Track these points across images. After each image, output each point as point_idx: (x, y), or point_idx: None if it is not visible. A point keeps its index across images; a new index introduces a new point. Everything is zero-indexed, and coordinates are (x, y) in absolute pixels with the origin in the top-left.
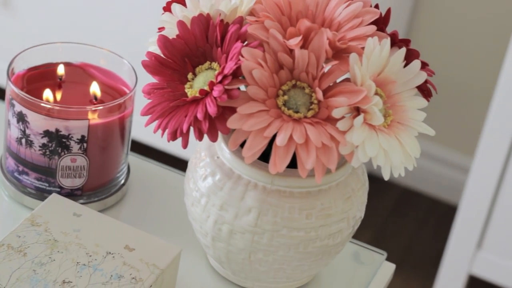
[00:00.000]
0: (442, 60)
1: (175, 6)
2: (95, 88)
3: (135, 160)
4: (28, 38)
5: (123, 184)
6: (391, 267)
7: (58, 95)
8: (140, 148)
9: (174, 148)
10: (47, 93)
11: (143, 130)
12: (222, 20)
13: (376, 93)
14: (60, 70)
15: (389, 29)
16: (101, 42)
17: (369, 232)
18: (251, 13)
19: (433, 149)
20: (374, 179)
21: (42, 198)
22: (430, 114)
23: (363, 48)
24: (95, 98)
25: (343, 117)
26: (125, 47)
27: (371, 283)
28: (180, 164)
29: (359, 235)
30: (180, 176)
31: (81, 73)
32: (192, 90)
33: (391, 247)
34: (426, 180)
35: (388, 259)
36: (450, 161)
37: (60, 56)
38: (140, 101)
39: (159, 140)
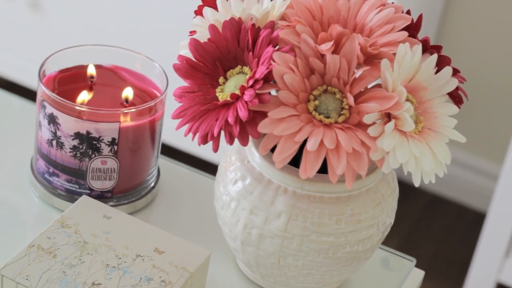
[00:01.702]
0: (472, 67)
1: (207, 10)
2: (127, 91)
3: (165, 163)
4: (58, 40)
5: (153, 187)
6: (420, 274)
7: (89, 97)
8: (169, 151)
9: (203, 151)
10: (81, 95)
11: (172, 133)
12: (253, 25)
13: (407, 99)
14: (91, 72)
15: (420, 35)
16: (132, 45)
17: (397, 238)
18: (283, 17)
19: (461, 156)
20: (403, 185)
21: (72, 200)
22: (460, 121)
23: (394, 54)
24: (126, 101)
25: (374, 123)
26: (156, 50)
27: None
28: (208, 168)
29: (387, 241)
30: (210, 180)
31: (112, 75)
32: (223, 94)
33: (419, 254)
34: (455, 187)
35: (416, 265)
36: (478, 168)
37: (91, 59)
38: (170, 105)
39: (188, 144)
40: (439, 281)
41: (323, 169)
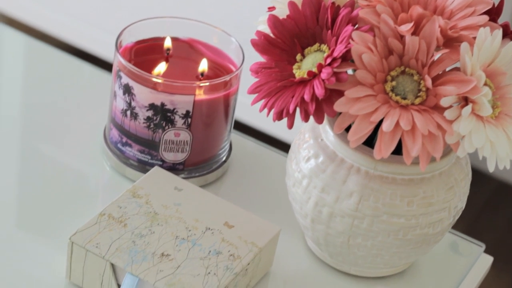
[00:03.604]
0: None
1: None
2: (204, 65)
3: (237, 138)
4: (135, 11)
5: (225, 161)
6: (488, 260)
7: (165, 69)
8: (238, 128)
9: (271, 128)
10: (157, 67)
11: (243, 109)
12: (333, 3)
13: (485, 84)
14: (168, 44)
15: (500, 20)
16: (210, 19)
17: (463, 223)
18: None
19: None
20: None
21: (144, 171)
22: None
23: (474, 38)
24: (202, 74)
25: (450, 106)
26: (234, 25)
27: (468, 275)
28: (277, 146)
29: (453, 226)
30: (281, 157)
31: (188, 48)
32: (300, 71)
33: (483, 240)
34: None
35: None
36: None
37: (167, 31)
38: (244, 81)
39: (257, 120)
40: (504, 268)
41: (397, 150)
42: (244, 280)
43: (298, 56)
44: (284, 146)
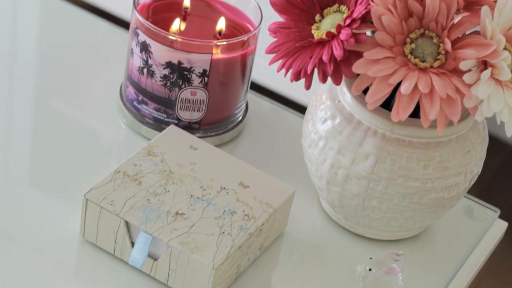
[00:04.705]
0: None
1: None
2: (221, 24)
3: (253, 99)
4: None
5: (241, 121)
6: (503, 225)
7: (182, 28)
8: (254, 89)
9: (288, 90)
10: (174, 25)
11: (259, 71)
12: None
13: (505, 48)
14: (186, 2)
15: None
16: None
17: (478, 188)
18: None
19: None
20: None
21: (159, 129)
22: None
23: (495, 1)
24: (219, 33)
25: (469, 70)
26: None
27: (482, 240)
28: (292, 108)
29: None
30: (297, 118)
31: (206, 7)
32: (318, 31)
33: (498, 205)
34: None
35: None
36: None
37: None
38: (262, 42)
39: (273, 81)
40: None
41: (414, 113)
42: (258, 241)
43: (317, 17)
44: (299, 108)
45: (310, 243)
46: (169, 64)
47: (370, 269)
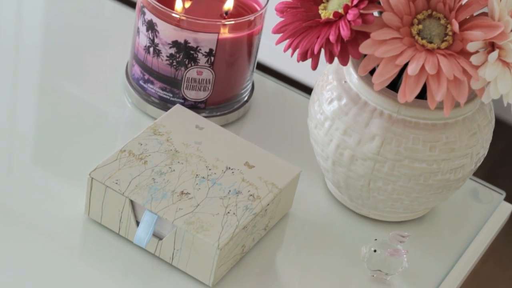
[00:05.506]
0: None
1: None
2: (229, 3)
3: (260, 79)
4: None
5: (246, 101)
6: (508, 208)
7: (187, 6)
8: (260, 70)
9: (294, 71)
10: (179, 4)
11: (265, 51)
12: None
13: None
14: None
15: None
16: None
17: (484, 171)
18: None
19: None
20: None
21: (165, 108)
22: None
23: None
24: (226, 13)
25: (477, 52)
26: None
27: (487, 222)
28: (298, 88)
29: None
30: (303, 98)
31: None
32: (326, 11)
33: (504, 188)
34: None
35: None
36: None
37: None
38: (268, 23)
39: (279, 62)
40: None
41: (421, 95)
42: (263, 221)
43: None
44: (305, 89)
45: (315, 224)
46: (175, 43)
47: (375, 250)
